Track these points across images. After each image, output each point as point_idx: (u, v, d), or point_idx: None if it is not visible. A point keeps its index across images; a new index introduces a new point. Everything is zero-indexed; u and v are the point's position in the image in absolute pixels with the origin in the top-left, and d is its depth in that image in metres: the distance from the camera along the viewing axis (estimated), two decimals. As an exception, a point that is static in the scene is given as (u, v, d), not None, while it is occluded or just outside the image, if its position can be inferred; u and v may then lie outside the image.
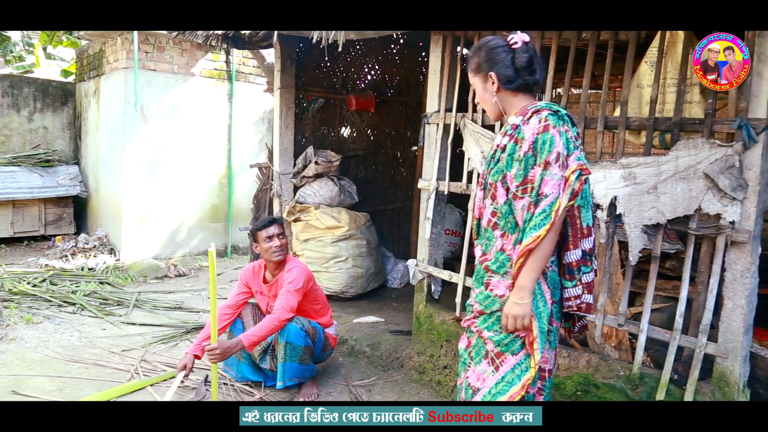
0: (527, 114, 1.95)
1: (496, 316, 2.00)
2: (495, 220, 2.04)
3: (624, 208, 2.76)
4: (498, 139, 2.06)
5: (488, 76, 2.03)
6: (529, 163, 1.89)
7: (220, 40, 4.57)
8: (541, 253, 1.87)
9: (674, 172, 2.62)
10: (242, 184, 7.97)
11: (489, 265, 2.04)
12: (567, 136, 1.92)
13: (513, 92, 2.04)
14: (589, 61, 3.08)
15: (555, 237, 1.89)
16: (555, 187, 1.85)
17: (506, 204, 1.99)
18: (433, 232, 3.82)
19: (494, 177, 2.02)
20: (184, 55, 7.39)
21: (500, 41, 2.04)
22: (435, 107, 3.77)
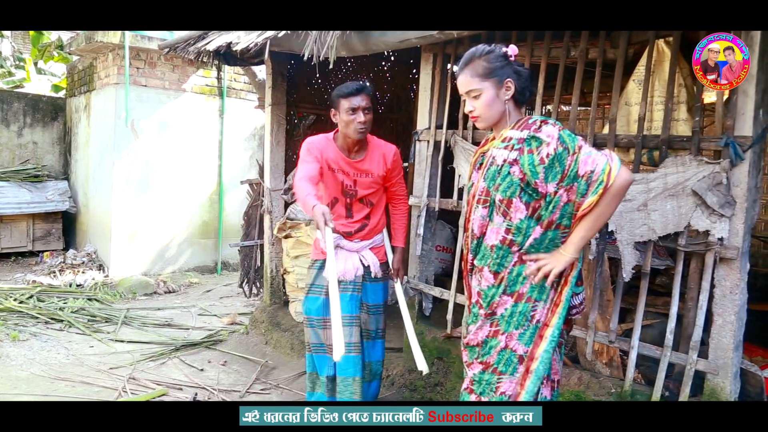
0: (534, 124, 1.96)
1: (517, 320, 2.01)
2: (511, 238, 2.02)
3: (616, 225, 2.77)
4: (501, 153, 2.01)
5: (505, 83, 2.00)
6: (563, 156, 1.89)
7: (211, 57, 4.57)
8: (593, 216, 1.90)
9: (663, 189, 2.64)
10: (233, 201, 7.94)
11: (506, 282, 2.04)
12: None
13: (517, 104, 2.04)
14: (577, 78, 3.11)
15: (614, 201, 1.88)
16: (597, 158, 1.87)
17: (525, 219, 1.97)
18: (423, 248, 3.80)
19: (506, 193, 1.98)
20: (176, 71, 7.39)
21: (501, 50, 2.02)
22: (425, 124, 3.78)
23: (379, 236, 3.13)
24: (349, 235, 3.04)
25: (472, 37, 3.32)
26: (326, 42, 3.34)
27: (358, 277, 3.04)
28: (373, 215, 3.07)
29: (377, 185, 3.04)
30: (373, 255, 3.08)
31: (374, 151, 3.03)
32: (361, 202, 3.02)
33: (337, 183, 3.00)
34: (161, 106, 7.30)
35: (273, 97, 4.94)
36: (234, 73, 7.87)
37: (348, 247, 3.04)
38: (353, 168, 2.99)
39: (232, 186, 7.82)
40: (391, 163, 3.05)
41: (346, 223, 3.04)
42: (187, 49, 4.50)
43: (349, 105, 2.87)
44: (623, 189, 1.86)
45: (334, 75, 5.55)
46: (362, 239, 3.06)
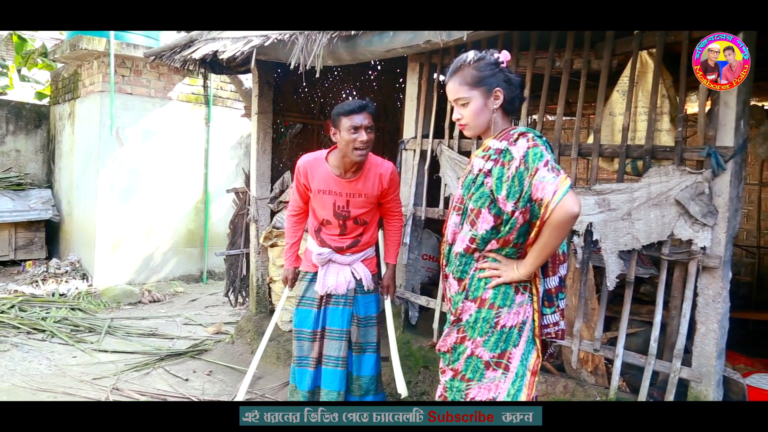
0: (512, 137, 1.94)
1: (481, 326, 2.00)
2: (474, 247, 2.03)
3: (600, 234, 2.79)
4: (478, 162, 2.02)
5: (494, 92, 1.96)
6: (522, 176, 1.86)
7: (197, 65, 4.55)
8: (539, 245, 1.88)
9: (647, 199, 2.66)
10: (219, 209, 7.90)
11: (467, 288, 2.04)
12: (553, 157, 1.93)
13: (505, 113, 2.02)
14: (562, 88, 3.13)
15: (555, 233, 1.83)
16: (547, 186, 1.80)
17: (490, 230, 1.97)
18: (410, 257, 3.81)
19: (477, 203, 1.98)
20: (162, 79, 7.36)
21: (492, 57, 1.98)
22: (412, 133, 3.79)
23: (371, 249, 3.10)
24: (341, 250, 3.00)
25: (458, 46, 3.34)
26: (312, 51, 3.35)
27: (350, 291, 3.00)
28: (366, 232, 3.03)
29: (371, 205, 2.97)
30: (364, 267, 3.04)
31: (370, 171, 2.93)
32: (355, 222, 2.96)
33: (328, 205, 2.93)
34: (147, 114, 7.25)
35: (259, 105, 4.93)
36: (220, 81, 7.85)
37: (340, 260, 3.01)
38: (347, 188, 2.91)
39: (218, 194, 7.78)
40: (388, 182, 2.95)
41: (338, 239, 3.00)
42: (173, 57, 4.49)
43: (350, 123, 2.75)
44: (564, 222, 1.78)
45: (320, 84, 5.56)
46: (354, 252, 3.02)
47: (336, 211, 2.94)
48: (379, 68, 5.90)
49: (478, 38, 2.98)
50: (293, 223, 3.18)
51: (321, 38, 3.32)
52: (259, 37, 3.69)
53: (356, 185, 2.91)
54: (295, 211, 3.16)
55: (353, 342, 3.01)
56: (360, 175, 2.91)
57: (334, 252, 3.00)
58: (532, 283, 2.01)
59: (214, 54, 4.04)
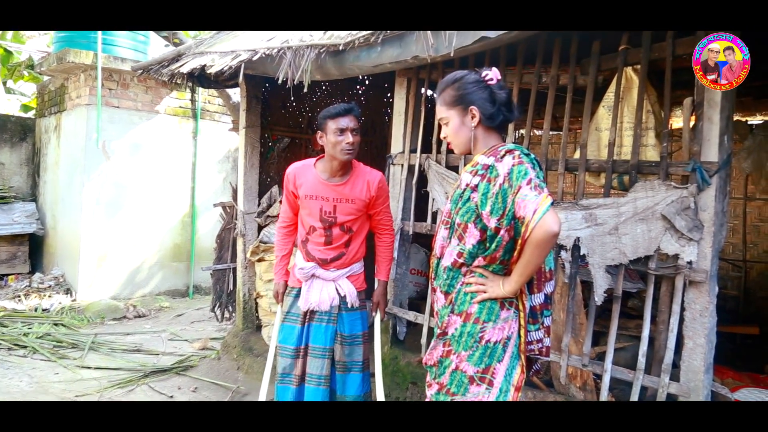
0: (499, 153, 1.97)
1: (465, 340, 2.00)
2: (461, 261, 2.04)
3: (587, 249, 2.79)
4: (466, 177, 2.05)
5: (469, 110, 2.02)
6: (506, 194, 1.89)
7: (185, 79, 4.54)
8: (522, 263, 1.90)
9: (633, 214, 2.68)
10: (205, 223, 7.85)
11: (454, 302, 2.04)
12: (539, 175, 1.95)
13: (488, 129, 2.04)
14: (549, 103, 3.16)
15: (536, 251, 1.84)
16: (529, 205, 1.83)
17: (477, 245, 1.99)
18: (397, 272, 3.79)
19: (464, 217, 2.01)
20: (149, 92, 7.34)
21: (475, 76, 2.04)
22: (399, 148, 3.79)
23: (357, 265, 3.06)
24: (325, 263, 2.97)
25: (445, 61, 3.36)
26: (301, 66, 3.35)
27: (333, 308, 2.97)
28: (353, 243, 2.99)
29: (359, 212, 2.95)
30: (349, 284, 3.01)
31: (358, 177, 2.96)
32: (341, 229, 2.94)
33: (315, 210, 2.94)
34: (134, 127, 7.22)
35: (247, 119, 4.92)
36: (208, 95, 7.84)
37: (324, 276, 2.97)
38: (334, 192, 2.91)
39: (204, 209, 7.74)
40: (376, 190, 2.96)
41: (323, 250, 2.97)
42: (161, 71, 4.48)
43: (336, 126, 2.84)
44: (544, 241, 1.80)
45: (308, 98, 5.57)
46: (339, 268, 2.98)
47: (322, 217, 2.93)
48: (367, 83, 5.92)
49: (465, 53, 2.99)
50: (283, 236, 3.16)
51: (309, 53, 3.33)
52: (247, 51, 3.70)
53: (343, 189, 2.92)
54: (285, 222, 3.15)
55: (337, 360, 2.97)
56: (348, 179, 2.93)
57: (318, 266, 2.97)
58: (518, 299, 2.02)
59: (202, 68, 4.04)
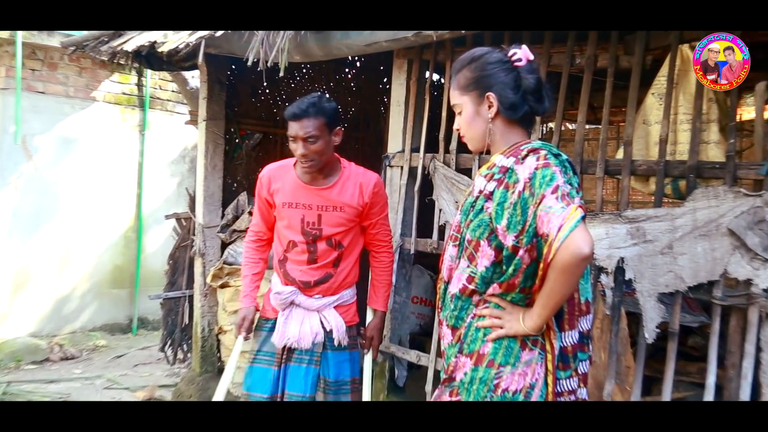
0: (521, 153, 1.94)
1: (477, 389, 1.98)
2: (472, 288, 2.02)
3: (634, 272, 2.79)
4: (479, 182, 2.03)
5: (486, 98, 2.00)
6: (527, 204, 1.86)
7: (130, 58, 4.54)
8: (544, 292, 1.88)
9: (692, 228, 2.67)
10: (155, 240, 7.82)
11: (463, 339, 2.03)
12: (569, 181, 1.91)
13: (510, 122, 2.02)
14: (584, 91, 3.16)
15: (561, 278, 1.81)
16: (553, 220, 1.78)
17: (491, 267, 1.97)
18: (396, 301, 3.78)
19: (475, 233, 1.98)
20: (84, 74, 7.32)
21: (499, 55, 2.02)
22: (398, 146, 3.79)
23: (349, 291, 3.04)
24: (308, 287, 2.94)
25: (454, 39, 3.36)
26: (276, 44, 3.35)
27: (317, 345, 2.94)
28: (343, 262, 2.97)
29: (350, 223, 2.95)
30: (337, 316, 2.98)
31: (348, 180, 2.95)
32: (328, 243, 2.93)
33: (295, 221, 2.93)
34: (64, 118, 7.19)
35: (208, 110, 4.92)
36: (159, 79, 7.84)
37: (306, 304, 2.95)
38: (318, 198, 2.91)
39: (154, 221, 7.71)
40: (370, 195, 2.95)
41: (305, 271, 2.94)
42: (99, 48, 4.47)
43: (288, 132, 2.83)
44: (570, 266, 1.77)
45: (285, 85, 5.57)
46: (325, 294, 2.96)
47: (304, 229, 2.92)
48: (358, 65, 5.94)
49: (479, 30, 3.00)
50: (253, 251, 3.14)
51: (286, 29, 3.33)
52: (208, 24, 3.70)
53: (330, 194, 2.91)
54: (256, 236, 3.14)
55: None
56: (336, 182, 2.93)
57: (299, 291, 2.95)
58: (545, 337, 1.99)
59: (152, 45, 4.04)
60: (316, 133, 2.78)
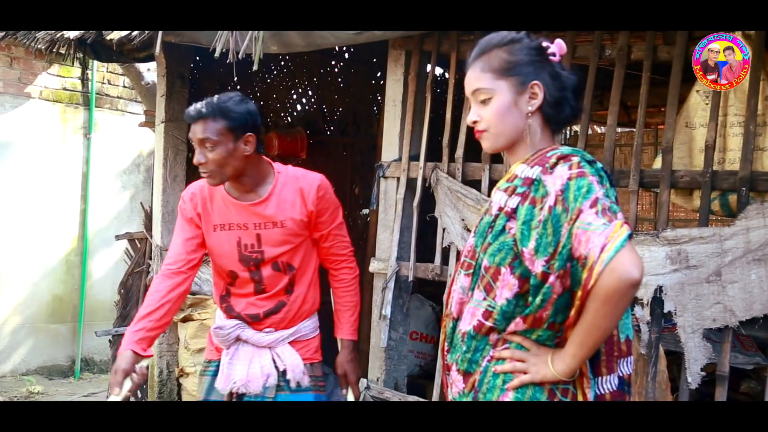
0: (548, 161, 1.91)
1: None
2: (490, 325, 2.00)
3: (675, 304, 2.79)
4: (499, 198, 2.00)
5: (531, 86, 1.96)
6: (560, 221, 1.83)
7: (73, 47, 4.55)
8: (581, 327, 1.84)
9: (745, 252, 2.68)
10: (102, 264, 7.80)
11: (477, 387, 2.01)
12: (607, 193, 1.88)
13: (546, 123, 2.01)
14: (616, 87, 3.18)
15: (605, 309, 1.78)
16: (594, 238, 1.75)
17: (514, 300, 1.95)
18: (391, 337, 3.77)
19: (494, 258, 1.95)
20: (15, 66, 7.31)
21: (536, 43, 2.00)
22: (395, 153, 3.80)
23: (308, 323, 2.98)
24: (257, 320, 2.90)
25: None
26: (249, 32, 3.36)
27: (269, 389, 2.89)
28: (297, 287, 2.93)
29: (297, 238, 2.89)
30: (293, 352, 2.91)
31: (285, 187, 2.89)
32: (274, 267, 2.89)
33: (231, 246, 2.89)
34: (-7, 119, 7.19)
35: (168, 109, 4.93)
36: (108, 72, 7.84)
37: (254, 339, 2.89)
38: (253, 215, 2.86)
39: (101, 242, 7.69)
40: (314, 201, 2.88)
41: (254, 302, 2.91)
42: (35, 35, 4.48)
43: (191, 135, 2.79)
44: (617, 294, 1.74)
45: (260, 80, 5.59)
46: (277, 327, 2.91)
47: (243, 254, 2.88)
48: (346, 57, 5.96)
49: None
50: (161, 280, 2.93)
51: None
52: (168, 8, 3.72)
53: (266, 209, 2.86)
54: (167, 266, 2.96)
55: None
56: (270, 193, 2.87)
57: (246, 324, 2.91)
58: (577, 384, 1.98)
59: (99, 32, 4.05)
60: (215, 139, 2.71)
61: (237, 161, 2.75)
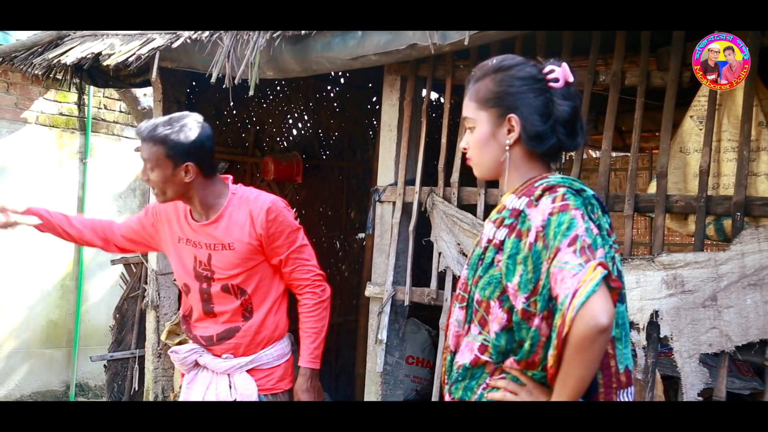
0: (534, 192, 1.88)
1: None
2: (485, 359, 1.98)
3: (671, 329, 2.79)
4: (488, 230, 1.97)
5: (507, 120, 1.92)
6: (540, 258, 1.79)
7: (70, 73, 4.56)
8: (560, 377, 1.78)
9: (740, 276, 2.68)
10: (98, 289, 7.77)
11: None
12: (591, 225, 1.82)
13: (530, 155, 1.95)
14: (610, 112, 3.19)
15: (578, 357, 1.73)
16: (567, 280, 1.71)
17: (503, 334, 1.92)
18: (388, 362, 3.76)
19: (485, 292, 1.92)
20: (12, 91, 7.32)
21: (533, 70, 1.94)
22: (390, 178, 3.80)
23: (270, 351, 2.92)
24: (211, 344, 2.88)
25: (457, 52, 3.40)
26: (245, 57, 3.37)
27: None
28: (256, 313, 2.89)
29: (247, 262, 2.84)
30: (249, 382, 2.85)
31: (236, 210, 2.85)
32: (224, 289, 2.84)
33: (188, 260, 2.89)
34: (-11, 144, 7.20)
35: (163, 134, 4.93)
36: (104, 97, 7.85)
37: (212, 365, 2.86)
38: (204, 236, 2.85)
39: (97, 267, 7.67)
40: (263, 224, 2.82)
41: (208, 324, 2.88)
42: (32, 60, 4.48)
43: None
44: (586, 341, 1.69)
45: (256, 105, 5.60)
46: (236, 353, 2.87)
47: (196, 271, 2.87)
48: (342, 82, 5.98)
49: (486, 41, 3.04)
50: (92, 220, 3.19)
51: (257, 39, 3.35)
52: (165, 34, 3.72)
53: (215, 230, 2.83)
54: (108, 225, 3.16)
55: None
56: (220, 215, 2.84)
57: (203, 349, 2.88)
58: None
59: (96, 57, 4.05)
60: (152, 163, 2.73)
61: (177, 186, 2.74)
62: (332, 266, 6.25)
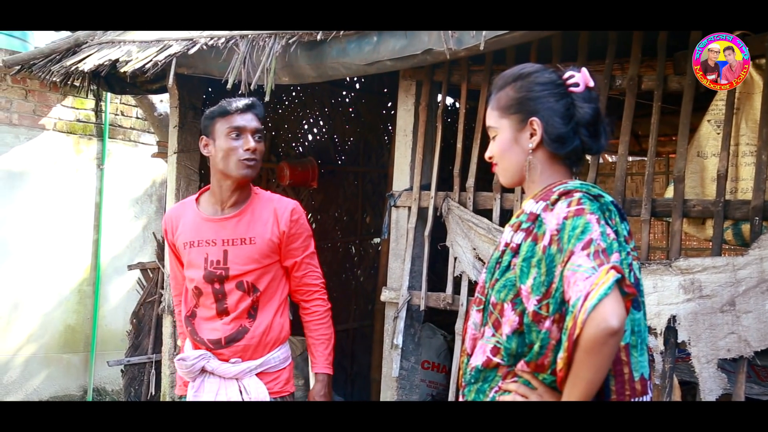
0: (551, 197, 1.90)
1: None
2: (497, 361, 1.99)
3: (689, 334, 2.77)
4: (507, 234, 2.00)
5: (529, 123, 1.96)
6: (553, 262, 1.81)
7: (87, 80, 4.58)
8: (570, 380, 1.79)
9: (759, 281, 2.66)
10: (115, 294, 7.80)
11: None
12: (607, 230, 1.83)
13: (554, 158, 1.98)
14: (626, 117, 3.18)
15: (589, 360, 1.74)
16: (580, 284, 1.72)
17: (514, 337, 1.93)
18: (403, 366, 3.75)
19: (500, 294, 1.95)
20: (31, 98, 7.37)
21: (552, 76, 1.98)
22: (405, 183, 3.80)
23: (277, 354, 2.90)
24: (218, 347, 2.84)
25: (473, 57, 3.40)
26: (260, 63, 3.38)
27: None
28: (262, 313, 2.86)
29: (265, 259, 2.84)
30: (260, 385, 2.83)
31: (260, 207, 2.89)
32: (238, 287, 2.82)
33: (198, 262, 2.86)
34: (6, 150, 7.23)
35: (180, 140, 4.94)
36: (121, 104, 7.89)
37: (221, 371, 2.82)
38: (222, 230, 2.85)
39: (114, 272, 7.70)
40: (288, 223, 2.86)
41: (216, 326, 2.84)
42: (50, 67, 4.51)
43: (229, 126, 2.77)
44: (596, 344, 1.70)
45: (271, 110, 5.61)
46: (243, 357, 2.84)
47: (208, 270, 2.83)
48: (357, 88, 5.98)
49: (502, 45, 3.03)
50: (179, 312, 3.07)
51: (272, 45, 3.36)
52: (181, 41, 3.74)
53: (238, 224, 2.84)
54: (178, 293, 3.07)
55: None
56: (243, 209, 2.86)
57: (212, 355, 2.84)
58: None
59: (113, 64, 4.07)
60: (262, 133, 2.88)
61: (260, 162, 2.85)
62: (348, 271, 6.26)
